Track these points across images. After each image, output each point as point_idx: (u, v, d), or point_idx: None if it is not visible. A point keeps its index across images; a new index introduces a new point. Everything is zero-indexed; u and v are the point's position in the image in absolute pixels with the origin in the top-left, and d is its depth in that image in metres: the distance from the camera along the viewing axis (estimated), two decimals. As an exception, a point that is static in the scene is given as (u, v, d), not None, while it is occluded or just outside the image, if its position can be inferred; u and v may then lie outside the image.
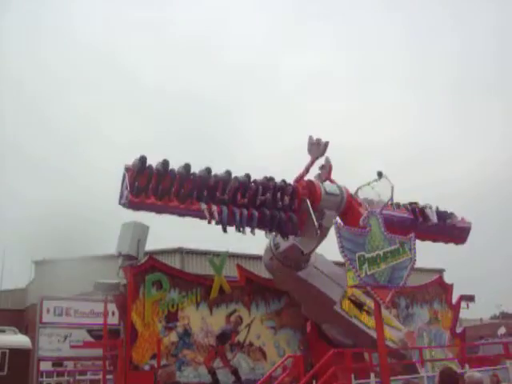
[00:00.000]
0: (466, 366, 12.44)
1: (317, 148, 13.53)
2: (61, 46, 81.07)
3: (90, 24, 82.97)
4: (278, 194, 12.65)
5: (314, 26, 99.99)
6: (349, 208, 13.86)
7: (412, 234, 11.68)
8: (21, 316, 30.53)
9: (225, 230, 11.76)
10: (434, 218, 15.96)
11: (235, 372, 13.60)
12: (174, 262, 25.57)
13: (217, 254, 14.74)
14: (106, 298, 14.69)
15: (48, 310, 17.14)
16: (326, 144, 13.52)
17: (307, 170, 13.66)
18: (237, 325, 13.96)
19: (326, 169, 14.17)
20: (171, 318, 13.20)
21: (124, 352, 12.32)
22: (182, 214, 11.70)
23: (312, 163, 13.71)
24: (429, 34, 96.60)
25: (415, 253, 11.50)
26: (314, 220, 12.57)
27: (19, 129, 69.21)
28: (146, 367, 12.39)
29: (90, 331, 17.05)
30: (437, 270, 28.88)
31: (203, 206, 11.45)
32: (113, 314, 15.37)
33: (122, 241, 11.73)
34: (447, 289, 19.21)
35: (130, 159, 11.09)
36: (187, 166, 11.58)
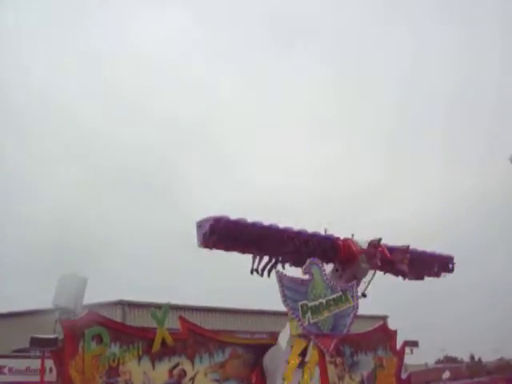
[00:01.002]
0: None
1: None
2: None
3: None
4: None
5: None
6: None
7: (354, 282, 11.81)
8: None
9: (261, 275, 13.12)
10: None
11: (179, 428, 13.20)
12: (115, 315, 24.90)
13: (158, 306, 14.38)
14: (43, 355, 14.11)
15: (-19, 369, 16.37)
16: None
17: None
18: (180, 378, 13.58)
19: None
20: (112, 373, 12.71)
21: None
22: None
23: None
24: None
25: (358, 300, 11.62)
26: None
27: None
28: (86, 427, 11.86)
29: (25, 390, 16.31)
30: (380, 317, 29.05)
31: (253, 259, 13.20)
32: (50, 370, 14.75)
33: (59, 293, 11.31)
34: (391, 335, 19.31)
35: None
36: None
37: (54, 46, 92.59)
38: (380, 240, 13.70)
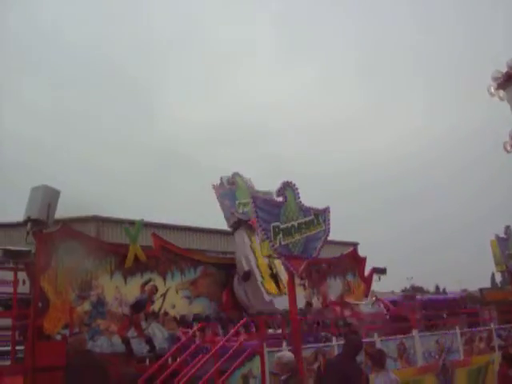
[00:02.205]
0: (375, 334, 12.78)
1: None
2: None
3: None
4: None
5: None
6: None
7: (327, 206, 11.90)
8: None
9: None
10: None
11: (149, 341, 13.53)
12: (89, 230, 24.94)
13: (132, 223, 14.45)
14: (16, 266, 14.17)
15: (-47, 280, 16.43)
16: None
17: None
18: (151, 294, 13.85)
19: None
20: (85, 287, 12.93)
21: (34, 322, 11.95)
22: None
23: None
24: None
25: (329, 225, 11.76)
26: None
27: None
28: (58, 337, 12.08)
29: (-1, 301, 16.47)
30: (351, 244, 29.63)
31: None
32: (23, 282, 14.87)
33: (31, 205, 11.16)
34: (360, 262, 19.77)
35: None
36: None
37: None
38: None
